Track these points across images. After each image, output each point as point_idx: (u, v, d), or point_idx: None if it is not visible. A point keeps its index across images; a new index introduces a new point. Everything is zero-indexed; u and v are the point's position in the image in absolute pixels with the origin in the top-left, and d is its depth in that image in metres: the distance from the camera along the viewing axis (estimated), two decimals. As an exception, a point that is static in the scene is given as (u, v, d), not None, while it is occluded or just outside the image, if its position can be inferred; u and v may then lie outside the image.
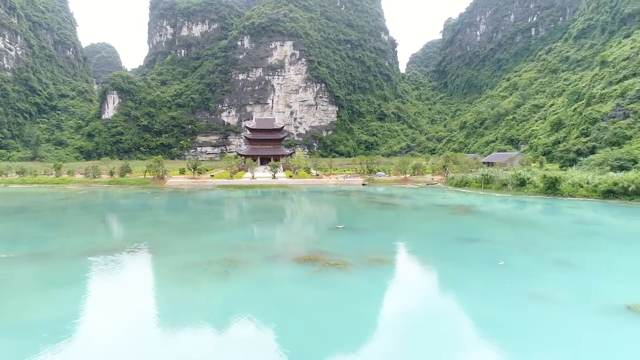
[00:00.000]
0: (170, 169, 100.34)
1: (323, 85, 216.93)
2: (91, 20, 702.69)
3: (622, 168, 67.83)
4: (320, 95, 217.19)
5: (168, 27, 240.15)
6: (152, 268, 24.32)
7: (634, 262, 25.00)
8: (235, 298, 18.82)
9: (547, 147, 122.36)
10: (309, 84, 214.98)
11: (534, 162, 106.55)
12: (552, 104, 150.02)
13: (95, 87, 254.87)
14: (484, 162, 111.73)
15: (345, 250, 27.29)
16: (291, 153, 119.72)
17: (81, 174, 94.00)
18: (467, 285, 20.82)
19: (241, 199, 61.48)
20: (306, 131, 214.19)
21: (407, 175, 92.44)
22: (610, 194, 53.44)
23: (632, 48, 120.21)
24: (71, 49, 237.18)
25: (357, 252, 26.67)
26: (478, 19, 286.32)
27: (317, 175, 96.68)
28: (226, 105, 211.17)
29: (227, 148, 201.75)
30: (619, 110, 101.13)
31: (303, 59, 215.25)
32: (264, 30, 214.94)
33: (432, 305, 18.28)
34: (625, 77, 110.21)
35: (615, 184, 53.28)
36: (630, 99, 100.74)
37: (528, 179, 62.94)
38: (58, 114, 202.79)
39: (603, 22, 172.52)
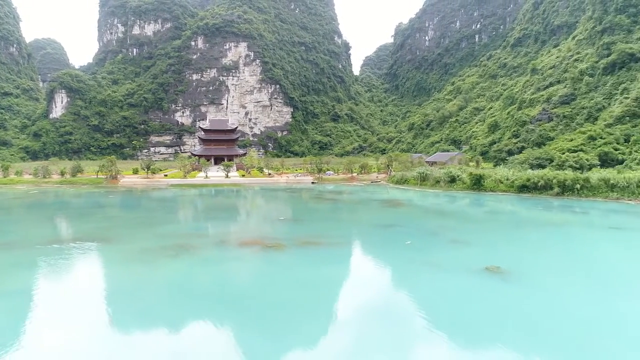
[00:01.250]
0: (123, 169, 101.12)
1: (278, 86, 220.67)
2: (36, 15, 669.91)
3: (540, 166, 76.33)
4: (275, 96, 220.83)
5: (119, 25, 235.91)
6: (110, 252, 27.77)
7: (510, 239, 31.14)
8: (183, 272, 22.90)
9: (484, 147, 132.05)
10: (263, 85, 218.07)
11: (471, 161, 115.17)
12: (491, 107, 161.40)
13: (41, 85, 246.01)
14: (427, 162, 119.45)
15: (283, 236, 31.87)
16: (244, 153, 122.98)
17: (29, 174, 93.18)
18: (377, 257, 25.94)
19: (194, 196, 64.65)
20: (261, 132, 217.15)
21: (354, 174, 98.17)
22: (524, 188, 60.91)
23: (557, 57, 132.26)
24: (15, 45, 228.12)
25: (293, 237, 31.31)
26: (427, 25, 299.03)
27: (269, 174, 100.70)
28: (180, 105, 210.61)
29: (181, 148, 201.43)
30: (545, 114, 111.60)
31: (257, 60, 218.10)
32: (218, 31, 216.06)
33: (347, 272, 23.18)
34: (551, 84, 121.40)
35: (528, 179, 60.87)
36: (554, 103, 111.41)
37: (457, 176, 69.89)
38: (1, 113, 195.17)
39: (536, 32, 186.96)
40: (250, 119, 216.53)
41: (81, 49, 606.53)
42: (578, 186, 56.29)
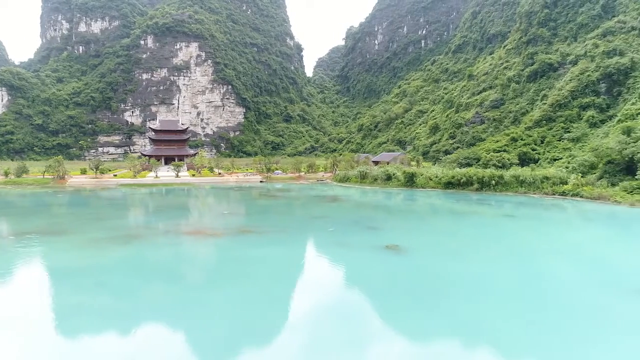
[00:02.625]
0: (70, 170, 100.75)
1: (230, 87, 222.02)
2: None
3: (468, 165, 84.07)
4: (227, 96, 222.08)
5: (64, 21, 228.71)
6: (63, 242, 30.82)
7: (418, 225, 36.95)
8: (132, 254, 26.74)
9: (426, 147, 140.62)
10: (215, 85, 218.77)
11: (413, 161, 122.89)
12: (433, 110, 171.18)
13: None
14: (373, 161, 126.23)
15: (224, 226, 36.09)
16: (195, 153, 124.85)
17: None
18: (302, 240, 30.78)
19: (144, 195, 67.14)
20: (213, 132, 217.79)
21: (302, 173, 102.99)
22: (449, 184, 67.96)
23: (490, 64, 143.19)
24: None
25: (233, 227, 35.61)
26: (376, 29, 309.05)
27: (220, 174, 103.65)
28: (129, 105, 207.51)
29: (131, 148, 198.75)
30: (478, 117, 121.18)
31: (209, 61, 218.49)
32: (169, 30, 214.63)
33: (274, 251, 27.76)
34: (484, 89, 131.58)
35: (453, 177, 68.02)
36: (486, 107, 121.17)
37: (393, 174, 76.31)
38: None
39: (474, 39, 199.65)
40: (202, 119, 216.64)
41: (19, 44, 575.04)
42: (494, 182, 63.89)
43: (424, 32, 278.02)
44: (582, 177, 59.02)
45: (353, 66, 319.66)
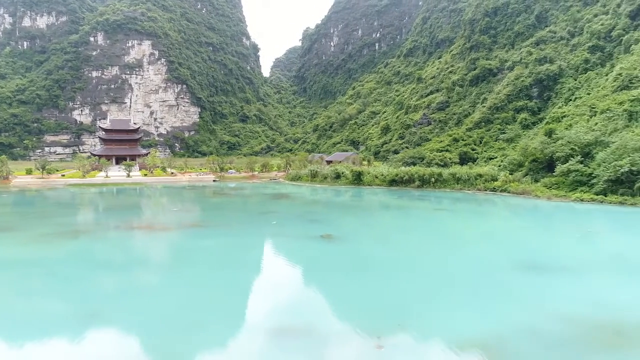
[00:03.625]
0: (14, 170, 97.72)
1: (184, 86, 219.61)
2: None
3: (413, 164, 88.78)
4: (182, 96, 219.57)
5: (6, 15, 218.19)
6: (11, 237, 31.70)
7: (354, 218, 40.23)
8: (81, 247, 28.27)
9: (377, 147, 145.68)
10: (169, 84, 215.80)
11: (364, 160, 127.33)
12: (385, 112, 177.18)
13: None
14: (327, 161, 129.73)
15: (173, 221, 37.92)
16: (147, 153, 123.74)
17: None
18: (246, 232, 33.17)
19: (93, 195, 67.03)
20: (167, 131, 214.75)
21: (256, 173, 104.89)
22: (393, 182, 72.07)
23: (437, 68, 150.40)
24: None
25: (181, 222, 37.52)
26: (332, 31, 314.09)
27: (172, 173, 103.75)
28: (78, 103, 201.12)
29: (81, 148, 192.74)
30: (425, 118, 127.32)
31: (163, 59, 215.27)
32: (120, 27, 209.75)
33: (220, 242, 30.01)
34: (432, 92, 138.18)
35: (397, 175, 72.23)
36: (432, 109, 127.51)
37: (342, 173, 79.80)
38: None
39: (424, 44, 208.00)
40: (155, 119, 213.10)
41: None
42: (433, 180, 68.53)
43: (377, 35, 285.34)
44: (510, 174, 64.63)
45: (309, 67, 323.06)
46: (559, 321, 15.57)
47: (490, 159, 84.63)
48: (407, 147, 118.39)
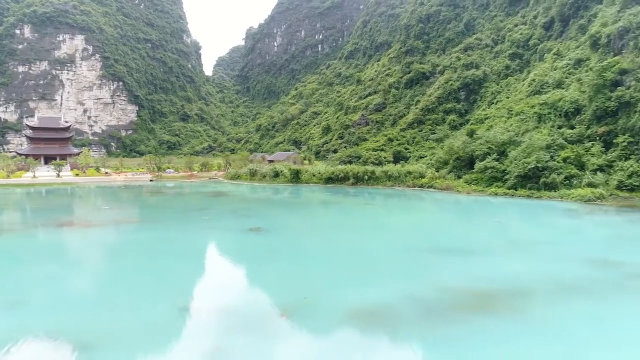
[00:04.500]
0: None
1: (121, 83, 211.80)
2: None
3: (350, 162, 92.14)
4: (118, 93, 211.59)
5: None
6: None
7: (285, 212, 42.10)
8: (4, 243, 28.02)
9: (318, 147, 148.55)
10: (104, 81, 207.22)
11: (305, 160, 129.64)
12: (326, 112, 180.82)
13: None
14: (269, 160, 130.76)
15: (101, 219, 37.87)
16: (79, 152, 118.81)
17: None
18: (176, 227, 34.00)
19: (19, 195, 64.10)
20: (103, 130, 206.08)
21: (195, 172, 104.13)
22: (330, 180, 74.75)
23: (375, 71, 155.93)
24: None
25: (111, 219, 37.59)
26: (275, 31, 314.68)
27: (107, 173, 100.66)
28: (3, 99, 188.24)
29: (5, 147, 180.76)
30: (363, 119, 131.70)
31: (97, 55, 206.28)
32: (50, 20, 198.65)
33: (148, 236, 30.72)
34: (370, 94, 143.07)
35: (332, 173, 74.96)
36: (370, 110, 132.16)
37: (281, 172, 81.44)
38: None
39: (364, 47, 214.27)
40: (89, 117, 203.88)
41: None
42: (367, 177, 71.84)
43: (320, 37, 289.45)
44: (436, 171, 69.23)
45: (253, 66, 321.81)
46: (442, 291, 18.22)
47: (421, 157, 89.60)
48: (346, 147, 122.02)
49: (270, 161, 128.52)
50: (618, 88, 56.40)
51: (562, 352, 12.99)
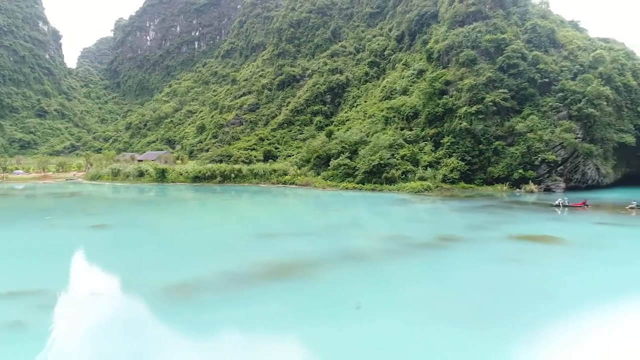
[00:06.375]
0: None
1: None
2: None
3: (221, 161, 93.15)
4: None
5: None
6: None
7: (137, 210, 42.59)
8: None
9: (193, 146, 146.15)
10: None
11: (178, 159, 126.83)
12: (201, 111, 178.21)
13: None
14: (138, 160, 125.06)
15: None
16: None
17: None
18: (12, 226, 32.67)
19: None
20: None
21: (50, 173, 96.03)
22: (197, 178, 75.24)
23: (250, 72, 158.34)
24: None
25: None
26: (148, 25, 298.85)
27: None
28: None
29: None
30: (237, 119, 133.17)
31: None
32: None
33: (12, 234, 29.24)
34: (244, 94, 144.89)
35: (200, 172, 75.62)
36: (244, 110, 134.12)
37: (146, 171, 79.59)
38: None
39: (241, 47, 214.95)
40: None
41: None
42: (233, 175, 73.99)
43: (197, 33, 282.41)
44: (299, 169, 74.13)
45: (123, 60, 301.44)
46: (255, 265, 21.46)
47: (289, 156, 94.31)
48: (220, 146, 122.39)
49: (140, 161, 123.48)
50: (444, 96, 66.67)
51: (329, 301, 16.90)
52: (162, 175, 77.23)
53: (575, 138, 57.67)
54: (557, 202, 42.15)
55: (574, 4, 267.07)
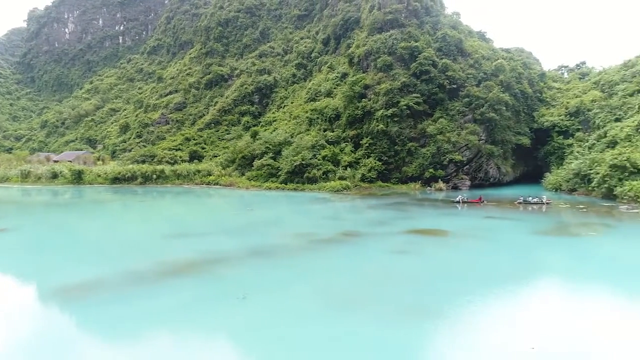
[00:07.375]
0: None
1: None
2: None
3: (144, 162, 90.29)
4: None
5: None
6: None
7: (42, 213, 41.04)
8: None
9: (116, 146, 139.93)
10: None
11: (99, 160, 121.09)
12: (125, 109, 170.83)
13: None
14: (54, 160, 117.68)
15: None
16: None
17: None
18: None
19: None
20: None
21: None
22: (116, 180, 72.87)
23: (177, 70, 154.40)
24: None
25: None
26: (66, 17, 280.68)
27: None
28: None
29: None
30: (163, 118, 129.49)
31: None
32: None
33: None
34: (171, 92, 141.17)
35: (119, 173, 73.34)
36: (171, 109, 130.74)
37: (60, 172, 75.66)
38: None
39: (168, 44, 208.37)
40: None
41: None
42: (155, 176, 72.60)
43: (121, 28, 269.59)
44: (224, 169, 74.23)
45: (39, 54, 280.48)
46: (159, 264, 22.03)
47: (215, 156, 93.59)
48: (144, 146, 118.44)
49: (56, 161, 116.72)
50: (363, 100, 69.87)
51: (217, 293, 18.02)
52: (78, 177, 73.99)
53: (479, 140, 63.16)
54: (457, 199, 46.17)
55: (486, 15, 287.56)
